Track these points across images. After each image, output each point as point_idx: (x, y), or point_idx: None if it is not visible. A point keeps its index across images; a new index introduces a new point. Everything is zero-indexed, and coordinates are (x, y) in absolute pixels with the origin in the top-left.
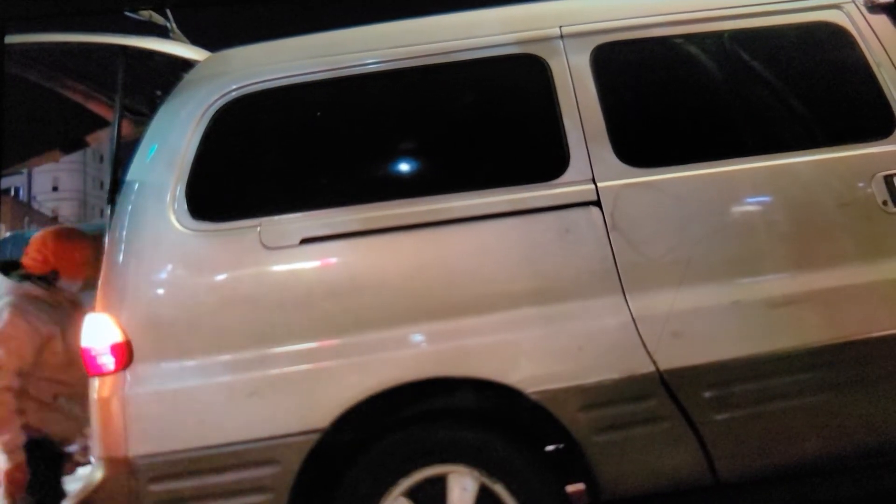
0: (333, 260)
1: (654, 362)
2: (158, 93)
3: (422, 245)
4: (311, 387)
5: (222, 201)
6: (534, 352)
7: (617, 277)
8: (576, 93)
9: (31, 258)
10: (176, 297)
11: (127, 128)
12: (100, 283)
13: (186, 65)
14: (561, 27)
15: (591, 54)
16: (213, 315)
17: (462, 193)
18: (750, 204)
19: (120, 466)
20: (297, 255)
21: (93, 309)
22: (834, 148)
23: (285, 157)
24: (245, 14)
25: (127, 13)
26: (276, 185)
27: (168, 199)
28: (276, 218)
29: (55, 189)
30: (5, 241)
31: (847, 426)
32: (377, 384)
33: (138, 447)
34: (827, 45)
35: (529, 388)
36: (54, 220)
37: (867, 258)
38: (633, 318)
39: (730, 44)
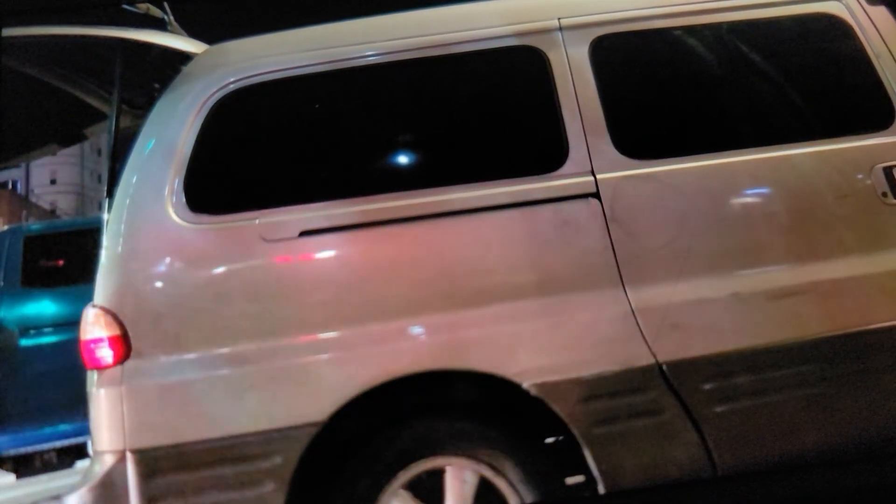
0: (332, 252)
1: (654, 354)
2: (156, 86)
3: (420, 237)
4: (309, 380)
5: (220, 194)
6: (532, 344)
7: (616, 269)
8: (574, 85)
9: None
10: (174, 291)
11: (125, 121)
12: (98, 276)
13: (184, 58)
14: (559, 19)
15: (590, 46)
16: (212, 308)
17: (461, 186)
18: (749, 196)
19: (118, 460)
20: (295, 247)
21: (91, 303)
22: (833, 140)
23: (284, 150)
24: (243, 7)
25: (124, 6)
26: (275, 178)
27: (166, 192)
28: (275, 210)
29: (53, 182)
30: (3, 234)
31: (847, 418)
32: (376, 377)
33: (137, 441)
34: (826, 37)
35: (528, 380)
36: (52, 213)
37: (867, 250)
38: (632, 310)
39: (729, 36)
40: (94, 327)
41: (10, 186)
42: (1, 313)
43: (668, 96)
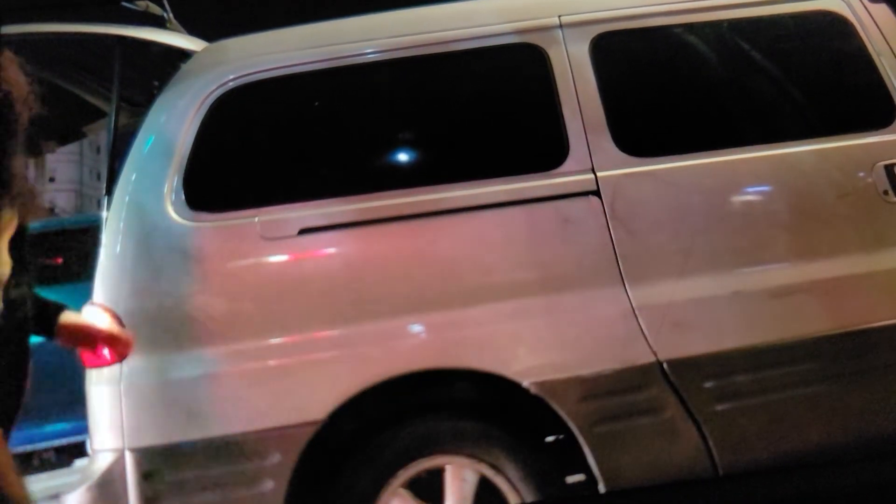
0: (332, 250)
1: (655, 353)
2: (155, 83)
3: (421, 235)
4: (308, 378)
5: (220, 192)
6: (532, 342)
7: (617, 267)
8: (575, 82)
9: None
10: (173, 289)
11: (124, 119)
12: (97, 274)
13: (183, 55)
14: (560, 17)
15: (591, 44)
16: (211, 307)
17: (461, 183)
18: (750, 194)
19: (117, 459)
20: (295, 245)
21: (90, 300)
22: (834, 137)
23: (283, 148)
24: (242, 4)
25: (124, 3)
26: (275, 176)
27: (165, 190)
28: (274, 208)
29: (52, 180)
30: None
31: (848, 417)
32: (375, 375)
33: (135, 439)
34: (827, 35)
35: (528, 379)
36: (51, 211)
37: (868, 248)
38: (633, 309)
39: (729, 33)
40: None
41: None
42: None
43: (669, 94)
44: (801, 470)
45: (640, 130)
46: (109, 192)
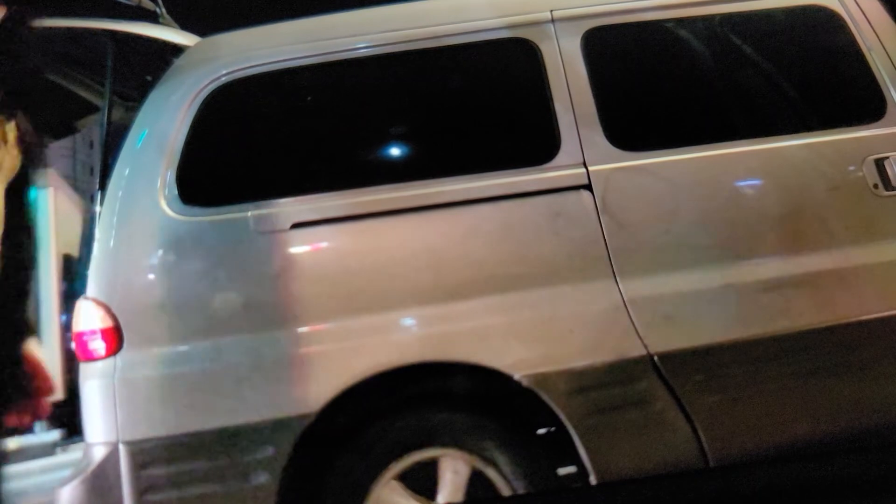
0: (324, 244)
1: (645, 345)
2: (148, 78)
3: (413, 229)
4: (301, 371)
5: (213, 186)
6: (524, 336)
7: (608, 261)
8: (567, 77)
9: None
10: (166, 283)
11: (117, 113)
12: (90, 268)
13: (176, 50)
14: (552, 11)
15: (582, 38)
16: (204, 301)
17: (453, 178)
18: (741, 187)
19: (111, 452)
20: (287, 239)
21: (84, 294)
22: (825, 131)
23: (276, 142)
24: None
25: None
26: (267, 170)
27: (158, 184)
28: (267, 203)
29: None
30: None
31: (837, 409)
32: (367, 369)
33: (129, 432)
34: (818, 29)
35: (519, 371)
36: None
37: (858, 241)
38: (624, 302)
39: (721, 27)
40: (87, 320)
41: None
42: None
43: (660, 88)
44: (790, 462)
45: (631, 124)
46: (103, 186)
